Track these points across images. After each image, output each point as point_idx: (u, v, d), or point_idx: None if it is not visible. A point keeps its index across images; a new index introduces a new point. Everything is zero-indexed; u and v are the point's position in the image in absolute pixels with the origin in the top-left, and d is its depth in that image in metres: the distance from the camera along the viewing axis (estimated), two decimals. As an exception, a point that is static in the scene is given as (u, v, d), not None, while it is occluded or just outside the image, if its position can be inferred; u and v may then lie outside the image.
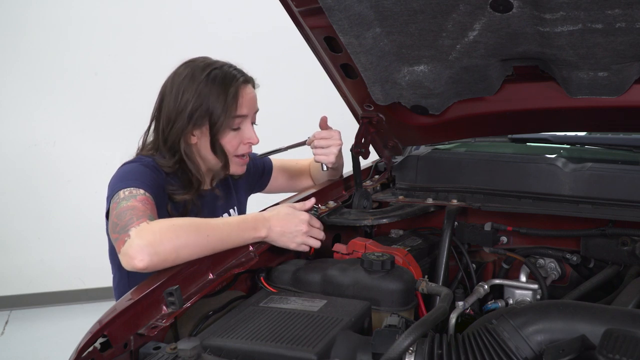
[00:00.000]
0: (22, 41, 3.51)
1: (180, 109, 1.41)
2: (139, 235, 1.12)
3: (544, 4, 1.06)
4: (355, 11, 1.21)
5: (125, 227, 1.15)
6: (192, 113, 1.40)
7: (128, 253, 1.10)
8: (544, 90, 1.41)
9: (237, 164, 1.50)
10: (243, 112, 1.45)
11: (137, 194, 1.25)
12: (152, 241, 1.10)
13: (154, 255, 1.09)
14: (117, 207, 1.23)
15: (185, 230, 1.15)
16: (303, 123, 3.52)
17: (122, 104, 3.59)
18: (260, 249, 1.28)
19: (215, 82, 1.41)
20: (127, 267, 1.12)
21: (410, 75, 1.40)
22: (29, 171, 3.66)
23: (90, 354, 0.87)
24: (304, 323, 1.01)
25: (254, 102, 1.49)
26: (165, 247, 1.10)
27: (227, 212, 1.63)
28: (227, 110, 1.41)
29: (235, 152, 1.48)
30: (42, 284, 3.76)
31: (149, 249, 1.09)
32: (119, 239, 1.15)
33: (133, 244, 1.10)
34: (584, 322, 0.88)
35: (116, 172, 1.39)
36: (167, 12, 3.62)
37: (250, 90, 1.49)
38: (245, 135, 1.47)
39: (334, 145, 1.59)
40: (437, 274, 1.42)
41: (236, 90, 1.43)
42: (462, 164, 1.70)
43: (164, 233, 1.12)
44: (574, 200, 1.50)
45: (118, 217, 1.19)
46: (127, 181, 1.30)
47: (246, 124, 1.48)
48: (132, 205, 1.21)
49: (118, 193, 1.27)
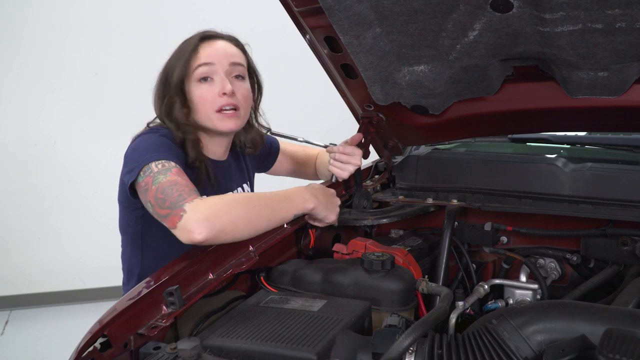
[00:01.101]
0: (22, 41, 3.51)
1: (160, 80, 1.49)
2: (195, 209, 1.15)
3: (544, 4, 1.06)
4: (355, 11, 1.21)
5: (177, 202, 1.17)
6: (166, 77, 1.46)
7: (186, 227, 1.13)
8: (544, 90, 1.41)
9: (219, 119, 1.46)
10: (204, 60, 1.44)
11: (170, 167, 1.27)
12: (208, 214, 1.14)
13: (212, 228, 1.13)
14: (155, 181, 1.23)
15: (237, 202, 1.20)
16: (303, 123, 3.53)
17: (122, 104, 3.59)
18: (260, 249, 1.28)
19: (181, 44, 1.48)
20: (185, 241, 1.15)
21: (410, 75, 1.40)
22: (29, 171, 3.66)
23: (90, 354, 0.87)
24: (304, 323, 1.01)
25: (222, 53, 1.46)
26: (222, 219, 1.14)
27: (241, 186, 1.65)
28: (186, 62, 1.43)
29: (214, 106, 1.45)
30: (42, 284, 3.76)
31: (207, 222, 1.13)
32: (172, 214, 1.16)
33: (191, 219, 1.13)
34: (584, 322, 0.88)
35: (135, 143, 1.38)
36: (167, 12, 3.62)
37: (218, 43, 1.48)
38: (217, 87, 1.44)
39: (352, 164, 1.60)
40: (437, 274, 1.42)
41: (195, 44, 1.45)
42: (462, 164, 1.70)
43: (219, 206, 1.16)
44: (573, 200, 1.50)
45: (163, 192, 1.20)
46: (155, 153, 1.30)
47: (217, 75, 1.45)
48: (172, 180, 1.23)
49: (149, 166, 1.26)
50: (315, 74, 1.76)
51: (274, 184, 2.09)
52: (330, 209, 1.39)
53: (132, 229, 1.46)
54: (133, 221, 1.44)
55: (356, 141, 1.62)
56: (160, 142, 1.36)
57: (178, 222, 1.15)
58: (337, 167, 1.59)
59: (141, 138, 1.40)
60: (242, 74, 1.51)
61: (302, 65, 2.32)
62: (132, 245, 1.49)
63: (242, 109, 1.49)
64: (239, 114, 1.48)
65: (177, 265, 1.12)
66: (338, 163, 1.59)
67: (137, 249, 1.48)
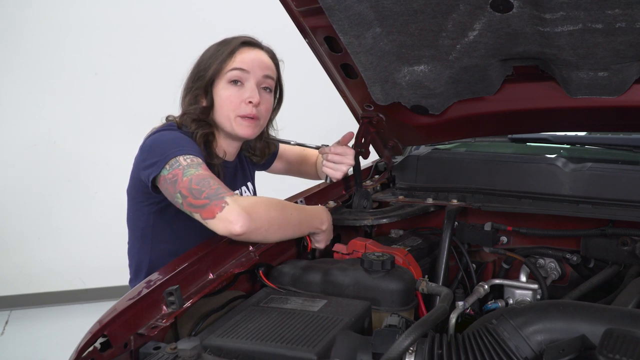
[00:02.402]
0: (22, 41, 3.51)
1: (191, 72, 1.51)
2: (237, 202, 1.17)
3: (544, 4, 1.06)
4: (355, 11, 1.21)
5: (217, 194, 1.19)
6: (197, 72, 1.49)
7: (228, 218, 1.15)
8: (544, 90, 1.41)
9: (241, 124, 1.48)
10: (239, 65, 1.46)
11: (199, 162, 1.29)
12: (250, 210, 1.17)
13: (252, 223, 1.16)
14: (186, 173, 1.24)
15: (273, 205, 1.25)
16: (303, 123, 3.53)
17: (122, 104, 3.60)
18: (260, 249, 1.28)
19: (220, 44, 1.50)
20: (224, 232, 1.17)
21: (410, 75, 1.40)
22: (29, 171, 3.66)
23: (90, 354, 0.87)
24: (304, 323, 1.01)
25: (258, 62, 1.49)
26: (261, 217, 1.19)
27: (245, 185, 1.67)
28: (221, 62, 1.46)
29: (237, 111, 1.47)
30: (42, 284, 3.76)
31: (249, 216, 1.16)
32: (211, 204, 1.18)
33: (233, 210, 1.16)
34: (584, 322, 0.88)
35: (156, 137, 1.38)
36: (167, 12, 3.62)
37: (256, 52, 1.50)
38: (246, 94, 1.47)
39: (345, 164, 1.60)
40: (437, 274, 1.42)
41: (234, 47, 1.47)
42: (462, 164, 1.70)
43: (259, 204, 1.21)
44: (573, 200, 1.50)
45: (198, 184, 1.22)
46: (182, 147, 1.31)
47: (248, 82, 1.48)
48: (206, 174, 1.25)
49: (177, 159, 1.28)
50: (315, 74, 1.76)
51: (274, 184, 2.10)
52: (329, 236, 1.43)
53: (143, 224, 1.46)
54: (145, 216, 1.45)
55: (348, 140, 1.62)
56: (184, 138, 1.38)
57: (219, 212, 1.16)
58: (330, 167, 1.60)
59: (162, 133, 1.39)
60: (270, 87, 1.54)
61: (302, 65, 2.32)
62: (142, 241, 1.49)
63: (262, 119, 1.53)
64: (258, 124, 1.52)
65: (177, 265, 1.12)
66: (331, 164, 1.60)
67: (146, 244, 1.48)
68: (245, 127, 1.48)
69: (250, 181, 1.71)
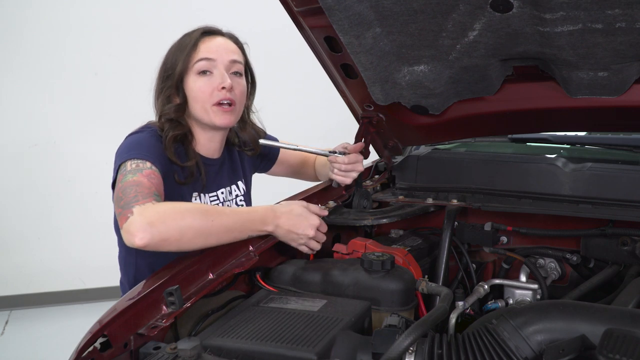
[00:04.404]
0: (22, 41, 3.51)
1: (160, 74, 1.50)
2: (142, 213, 1.13)
3: (544, 4, 1.06)
4: (355, 11, 1.21)
5: (129, 203, 1.17)
6: (164, 71, 1.48)
7: (129, 230, 1.12)
8: (544, 90, 1.41)
9: (217, 113, 1.47)
10: (204, 55, 1.45)
11: (143, 168, 1.27)
12: (154, 220, 1.12)
13: (156, 234, 1.11)
14: (123, 179, 1.24)
15: (190, 213, 1.18)
16: (303, 123, 3.53)
17: (122, 104, 3.59)
18: (260, 249, 1.28)
19: (181, 38, 1.50)
20: (128, 244, 1.14)
21: (410, 75, 1.40)
22: (29, 171, 3.65)
23: (90, 354, 0.87)
24: (304, 323, 1.01)
25: (223, 49, 1.49)
26: (167, 226, 1.13)
27: (235, 184, 1.65)
28: (186, 56, 1.45)
29: (211, 100, 1.46)
30: (42, 284, 3.76)
31: (151, 227, 1.11)
32: (122, 214, 1.16)
33: (135, 222, 1.12)
34: (584, 322, 0.88)
35: (123, 141, 1.40)
36: (167, 12, 3.62)
37: (218, 39, 1.50)
38: (217, 81, 1.46)
39: (356, 171, 1.61)
40: (437, 274, 1.42)
41: (196, 39, 1.47)
42: (462, 164, 1.70)
43: (168, 214, 1.15)
44: (573, 200, 1.50)
45: (123, 192, 1.21)
46: (134, 152, 1.31)
47: (216, 70, 1.47)
48: (137, 181, 1.23)
49: (125, 164, 1.28)
50: (315, 74, 1.76)
51: (274, 184, 2.10)
52: (293, 238, 1.31)
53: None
54: None
55: (358, 149, 1.63)
56: (143, 140, 1.38)
57: (124, 223, 1.14)
58: (340, 175, 1.61)
59: (129, 137, 1.42)
60: (240, 71, 1.53)
61: (302, 65, 2.32)
62: (125, 246, 1.48)
63: (238, 104, 1.51)
64: (235, 109, 1.50)
65: (177, 265, 1.12)
66: (342, 172, 1.61)
67: (130, 248, 1.47)
68: (222, 115, 1.47)
69: (242, 180, 1.68)
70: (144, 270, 1.44)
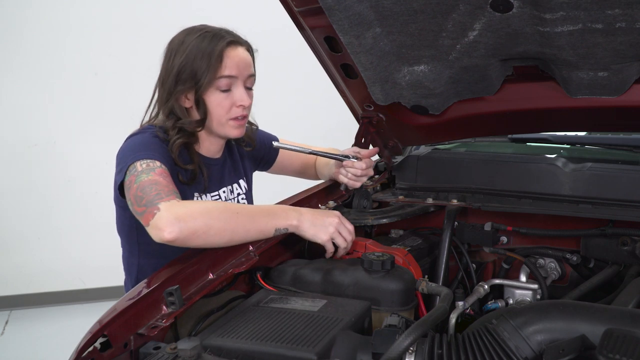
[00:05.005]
0: (22, 41, 3.50)
1: (169, 70, 1.44)
2: (169, 209, 1.15)
3: (544, 4, 1.06)
4: (355, 11, 1.21)
5: (153, 201, 1.18)
6: (179, 73, 1.42)
7: (158, 225, 1.14)
8: (544, 90, 1.41)
9: (232, 126, 1.48)
10: (229, 72, 1.42)
11: (154, 167, 1.28)
12: (182, 215, 1.14)
13: (184, 228, 1.13)
14: (137, 179, 1.24)
15: (215, 207, 1.21)
16: (303, 123, 3.53)
17: (122, 104, 3.58)
18: (260, 249, 1.28)
19: (203, 43, 1.42)
20: (157, 239, 1.15)
21: (410, 75, 1.40)
22: (29, 171, 3.65)
23: (90, 354, 0.87)
24: (304, 323, 1.01)
25: (244, 64, 1.46)
26: (195, 221, 1.15)
27: (237, 182, 1.65)
28: (210, 70, 1.40)
29: (229, 115, 1.46)
30: (42, 284, 3.76)
31: (179, 222, 1.13)
32: (147, 212, 1.17)
33: (163, 217, 1.14)
34: (584, 322, 0.88)
35: (125, 143, 1.40)
36: (167, 12, 3.62)
37: (240, 52, 1.46)
38: (236, 98, 1.45)
39: (366, 175, 1.63)
40: (437, 274, 1.42)
41: (222, 50, 1.41)
42: (462, 164, 1.70)
43: (195, 209, 1.17)
44: (573, 200, 1.50)
45: (142, 191, 1.21)
46: (142, 152, 1.31)
47: (236, 86, 1.46)
48: (154, 180, 1.23)
49: (134, 165, 1.28)
50: (315, 74, 1.76)
51: (274, 183, 2.10)
52: (319, 228, 1.30)
53: (127, 228, 1.47)
54: (127, 220, 1.44)
55: (373, 154, 1.64)
56: (148, 141, 1.37)
57: (151, 219, 1.16)
58: (351, 179, 1.62)
59: (132, 138, 1.41)
60: (252, 84, 1.53)
61: (302, 65, 2.32)
62: (129, 245, 1.49)
63: (249, 115, 1.54)
64: (246, 122, 1.53)
65: (177, 265, 1.12)
66: (353, 177, 1.62)
67: (133, 248, 1.48)
68: (237, 129, 1.49)
69: (244, 178, 1.68)
70: (147, 271, 1.44)
